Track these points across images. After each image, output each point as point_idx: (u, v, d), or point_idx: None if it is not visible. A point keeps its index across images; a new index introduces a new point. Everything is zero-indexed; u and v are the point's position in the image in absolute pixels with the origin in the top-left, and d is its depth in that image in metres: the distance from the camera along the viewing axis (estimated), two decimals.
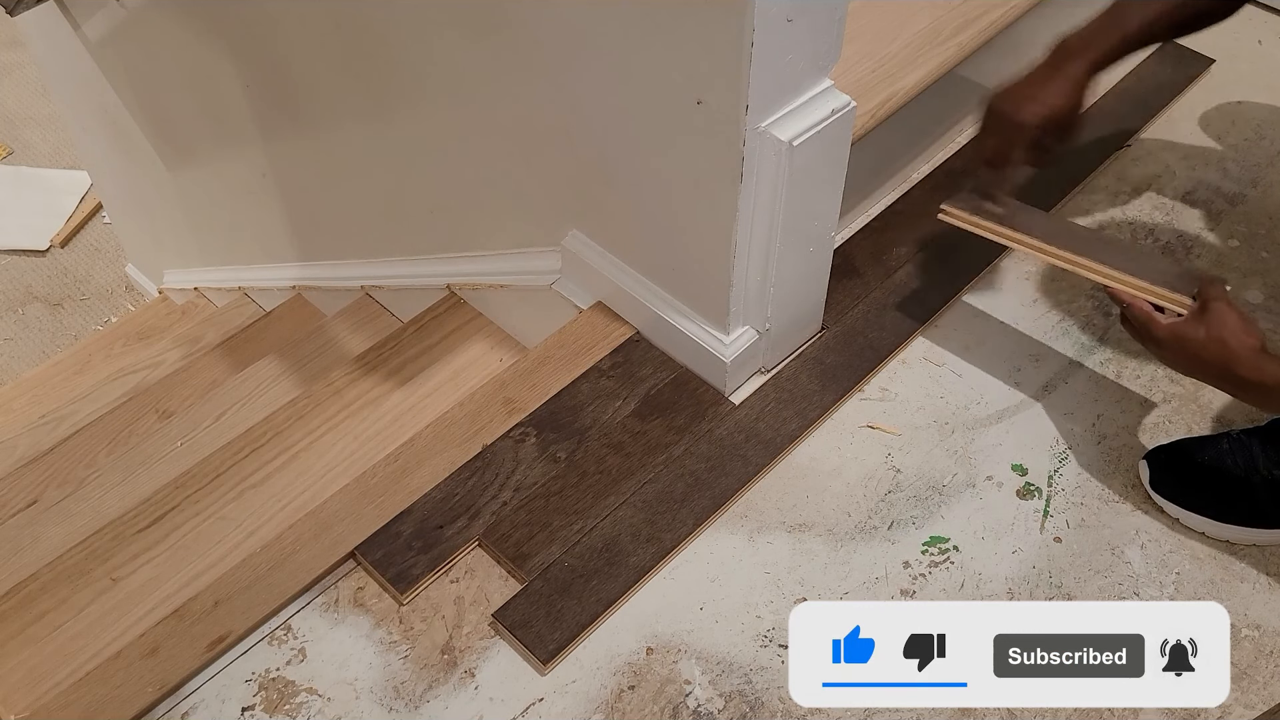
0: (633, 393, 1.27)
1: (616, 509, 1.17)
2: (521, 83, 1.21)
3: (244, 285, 2.32)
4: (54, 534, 1.55)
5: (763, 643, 1.10)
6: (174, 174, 2.23)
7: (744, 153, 1.03)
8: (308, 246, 2.02)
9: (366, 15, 1.36)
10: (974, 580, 1.14)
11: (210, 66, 1.77)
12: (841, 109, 1.08)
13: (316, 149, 1.72)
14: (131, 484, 1.62)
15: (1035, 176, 1.42)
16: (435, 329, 1.59)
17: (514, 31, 1.16)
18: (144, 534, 1.32)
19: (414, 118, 1.45)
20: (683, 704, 1.06)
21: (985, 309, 1.39)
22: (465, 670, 1.08)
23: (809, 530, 1.18)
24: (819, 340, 1.33)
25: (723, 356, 1.23)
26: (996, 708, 1.04)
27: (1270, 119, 1.63)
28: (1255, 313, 1.37)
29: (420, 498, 1.19)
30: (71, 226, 3.01)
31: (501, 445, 1.23)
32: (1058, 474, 1.22)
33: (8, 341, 2.75)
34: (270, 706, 1.06)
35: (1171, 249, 1.45)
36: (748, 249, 1.14)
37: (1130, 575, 1.14)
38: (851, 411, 1.28)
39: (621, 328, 1.33)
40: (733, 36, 0.94)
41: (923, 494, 1.21)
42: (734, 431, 1.24)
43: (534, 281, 1.43)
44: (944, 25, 1.42)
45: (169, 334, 2.38)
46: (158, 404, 1.89)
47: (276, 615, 1.12)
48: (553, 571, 1.12)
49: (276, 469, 1.39)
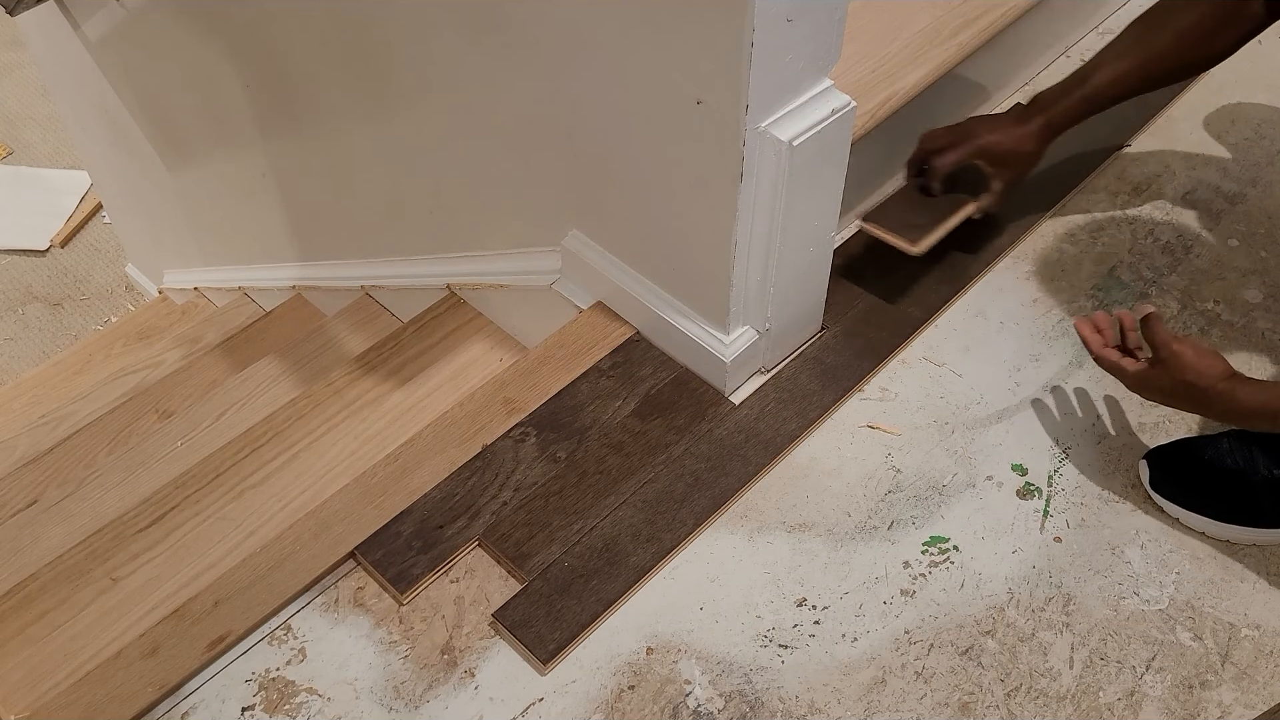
0: (633, 393, 1.28)
1: (616, 509, 1.17)
2: (521, 82, 1.21)
3: (244, 285, 2.32)
4: (54, 534, 1.55)
5: (763, 643, 1.10)
6: (174, 174, 2.23)
7: (744, 153, 1.03)
8: (308, 246, 2.02)
9: (366, 15, 1.36)
10: (974, 580, 1.14)
11: (210, 66, 1.77)
12: (841, 109, 1.08)
13: (316, 149, 1.72)
14: (131, 484, 1.62)
15: (1036, 177, 1.43)
16: (435, 329, 1.59)
17: (514, 31, 1.16)
18: (144, 534, 1.32)
19: (414, 117, 1.45)
20: (683, 704, 1.06)
21: (985, 309, 1.39)
22: (465, 670, 1.08)
23: (809, 530, 1.18)
24: (819, 340, 1.33)
25: (723, 356, 1.23)
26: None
27: (1270, 119, 1.63)
28: (1254, 312, 1.37)
29: (420, 498, 1.19)
30: (71, 226, 3.01)
31: (501, 445, 1.23)
32: (1058, 474, 1.22)
33: (8, 341, 2.76)
34: (270, 706, 1.06)
35: (1171, 248, 1.45)
36: (748, 249, 1.14)
37: (1130, 575, 1.14)
38: (851, 411, 1.28)
39: (621, 328, 1.33)
40: (733, 36, 0.94)
41: (923, 494, 1.21)
42: (734, 431, 1.24)
43: (534, 281, 1.43)
44: (944, 25, 1.42)
45: (169, 334, 2.38)
46: (158, 404, 1.89)
47: (276, 615, 1.12)
48: (553, 571, 1.12)
49: (276, 469, 1.39)
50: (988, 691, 1.06)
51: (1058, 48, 1.72)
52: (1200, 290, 1.40)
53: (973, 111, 1.60)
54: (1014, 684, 1.07)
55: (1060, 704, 1.05)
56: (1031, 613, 1.11)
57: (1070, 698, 1.05)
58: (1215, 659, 1.08)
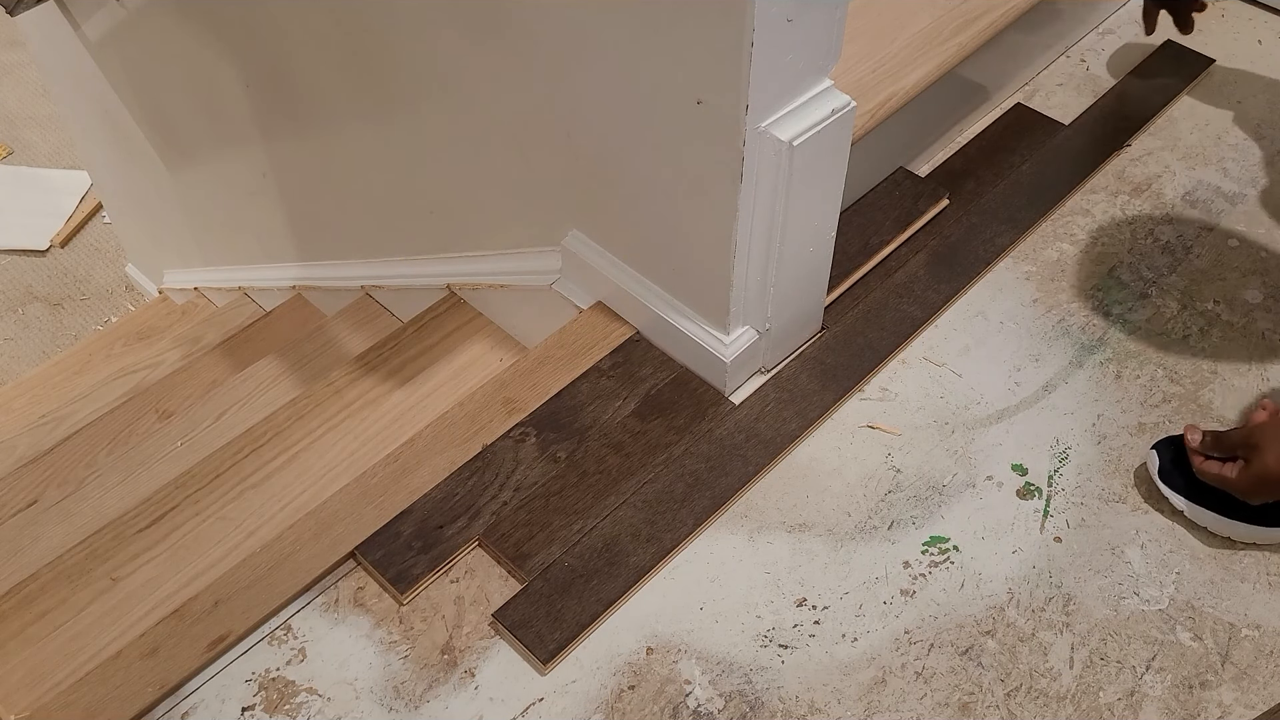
0: (633, 393, 1.28)
1: (616, 509, 1.17)
2: (522, 82, 1.21)
3: (244, 285, 2.32)
4: (54, 534, 1.55)
5: (763, 643, 1.10)
6: (174, 174, 2.23)
7: (744, 153, 1.03)
8: (308, 246, 2.02)
9: (367, 15, 1.36)
10: (974, 580, 1.14)
11: (211, 66, 1.77)
12: (841, 109, 1.08)
13: (317, 149, 1.72)
14: (131, 484, 1.62)
15: (1034, 177, 1.43)
16: (435, 329, 1.59)
17: (514, 31, 1.16)
18: (144, 534, 1.32)
19: (414, 117, 1.45)
20: (683, 704, 1.06)
21: (985, 309, 1.39)
22: (465, 670, 1.08)
23: (809, 530, 1.18)
24: (819, 340, 1.33)
25: (723, 356, 1.23)
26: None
27: (1270, 119, 1.63)
28: (1255, 312, 1.37)
29: (420, 498, 1.19)
30: (71, 226, 3.01)
31: (501, 445, 1.23)
32: (1058, 474, 1.22)
33: (8, 341, 2.76)
34: (270, 706, 1.06)
35: (1171, 248, 1.45)
36: (748, 249, 1.14)
37: (1130, 575, 1.14)
38: (851, 411, 1.28)
39: (621, 328, 1.33)
40: (733, 36, 0.94)
41: (923, 494, 1.21)
42: (734, 431, 1.24)
43: (534, 281, 1.43)
44: (944, 25, 1.42)
45: (169, 334, 2.38)
46: (158, 404, 1.89)
47: (276, 615, 1.12)
48: (553, 571, 1.12)
49: (276, 469, 1.39)
50: (988, 691, 1.06)
51: (1058, 48, 1.72)
52: (1200, 290, 1.40)
53: (972, 112, 1.60)
54: (1014, 684, 1.07)
55: (1060, 704, 1.05)
56: (1031, 613, 1.11)
57: (1070, 698, 1.06)
58: (1215, 659, 1.08)
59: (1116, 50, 1.73)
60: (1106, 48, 1.74)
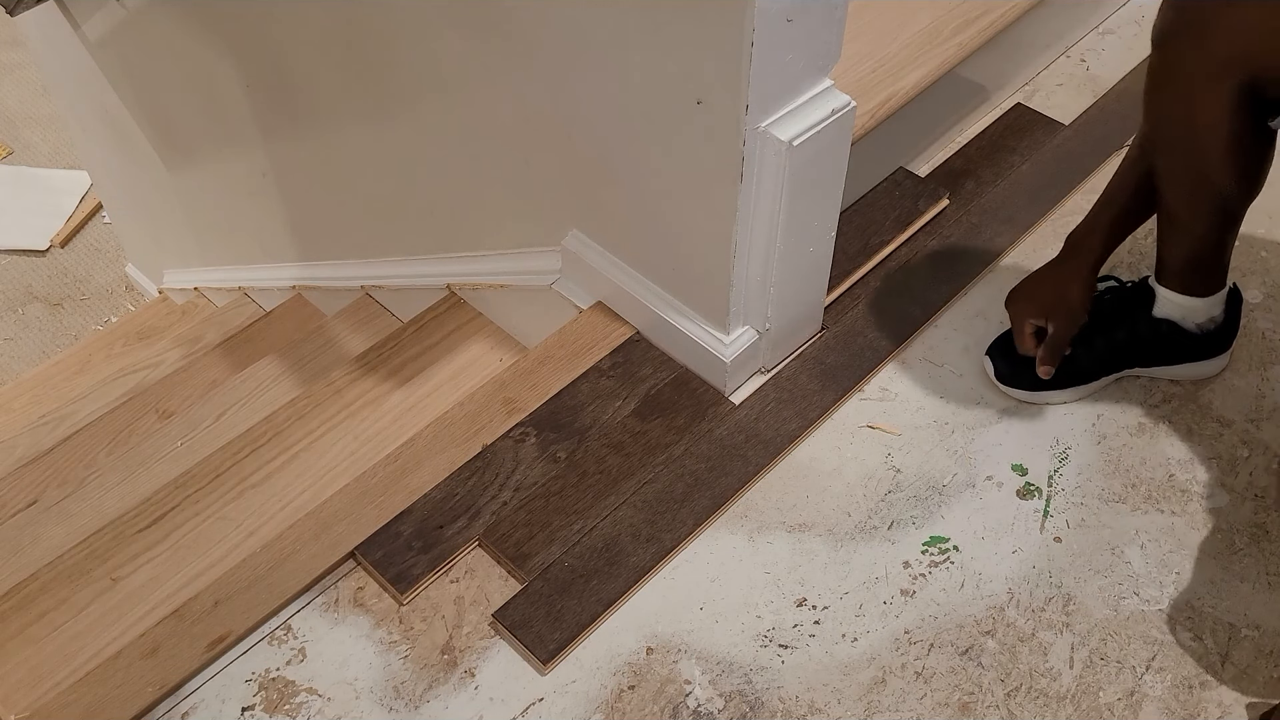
0: (633, 393, 1.28)
1: (616, 509, 1.17)
2: (521, 82, 1.21)
3: (244, 285, 2.32)
4: (54, 534, 1.55)
5: (763, 643, 1.10)
6: (174, 174, 2.23)
7: (744, 153, 1.03)
8: (308, 246, 2.02)
9: (367, 15, 1.36)
10: (974, 580, 1.14)
11: (211, 66, 1.77)
12: (841, 109, 1.08)
13: (317, 149, 1.72)
14: (131, 484, 1.62)
15: (1034, 177, 1.43)
16: (435, 329, 1.59)
17: (514, 31, 1.16)
18: (144, 534, 1.31)
19: (414, 118, 1.45)
20: (683, 704, 1.06)
21: (985, 309, 1.39)
22: (465, 670, 1.08)
23: (809, 530, 1.18)
24: (819, 340, 1.33)
25: (723, 356, 1.23)
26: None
27: None
28: (1255, 312, 1.37)
29: (420, 498, 1.19)
30: (71, 226, 3.01)
31: (501, 445, 1.23)
32: (1058, 474, 1.22)
33: (8, 341, 2.76)
34: (270, 706, 1.06)
35: None
36: (748, 249, 1.14)
37: (1130, 575, 1.14)
38: (851, 411, 1.28)
39: (621, 328, 1.33)
40: (733, 36, 0.94)
41: (923, 494, 1.21)
42: (734, 431, 1.24)
43: (534, 281, 1.43)
44: (944, 25, 1.42)
45: (169, 334, 2.38)
46: (158, 404, 1.89)
47: (276, 615, 1.12)
48: (553, 571, 1.12)
49: (276, 469, 1.39)
50: (988, 691, 1.06)
51: (1058, 48, 1.72)
52: None
53: (972, 112, 1.60)
54: (1014, 684, 1.07)
55: (1060, 704, 1.05)
56: (1031, 613, 1.11)
57: (1070, 698, 1.06)
58: (1215, 659, 1.08)
59: (1116, 50, 1.73)
60: (1106, 48, 1.74)
